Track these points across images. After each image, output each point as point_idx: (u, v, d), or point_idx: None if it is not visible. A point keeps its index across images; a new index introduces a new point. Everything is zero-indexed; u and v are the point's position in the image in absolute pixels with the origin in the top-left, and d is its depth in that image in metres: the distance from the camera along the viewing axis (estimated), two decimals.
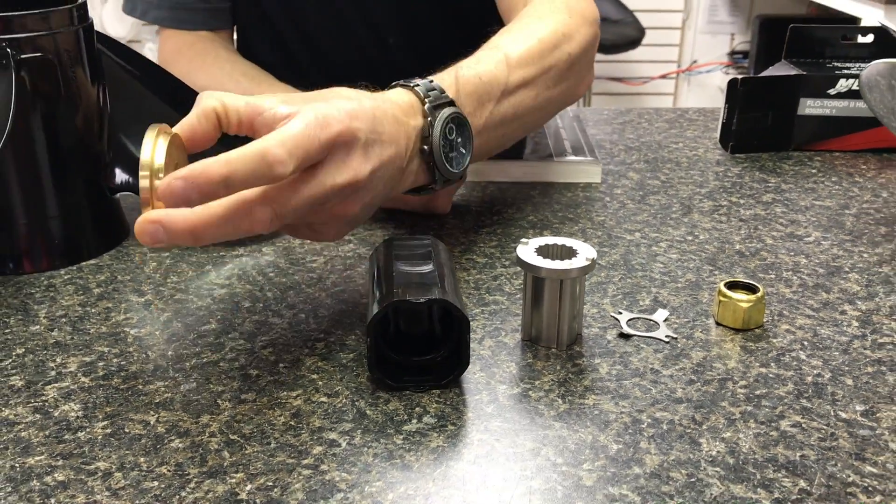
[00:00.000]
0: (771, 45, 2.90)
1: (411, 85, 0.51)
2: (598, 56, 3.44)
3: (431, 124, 0.49)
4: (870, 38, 0.78)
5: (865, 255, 0.56)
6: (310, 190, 0.42)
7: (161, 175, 0.39)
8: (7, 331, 0.47)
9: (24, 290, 0.51)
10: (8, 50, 0.48)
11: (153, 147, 0.40)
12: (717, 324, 0.48)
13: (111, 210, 0.58)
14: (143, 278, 0.53)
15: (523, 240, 0.45)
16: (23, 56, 0.49)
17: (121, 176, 0.56)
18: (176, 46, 0.82)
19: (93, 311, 0.49)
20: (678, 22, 3.36)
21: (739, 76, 0.74)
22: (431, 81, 0.51)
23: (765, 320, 0.48)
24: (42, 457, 0.37)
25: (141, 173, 0.39)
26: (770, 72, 0.77)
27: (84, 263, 0.55)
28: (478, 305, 0.49)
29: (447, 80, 0.53)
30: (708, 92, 3.18)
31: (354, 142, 0.43)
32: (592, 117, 0.86)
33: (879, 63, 0.56)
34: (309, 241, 0.57)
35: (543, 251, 0.45)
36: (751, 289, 0.48)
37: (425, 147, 0.49)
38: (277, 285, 0.52)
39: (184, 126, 0.42)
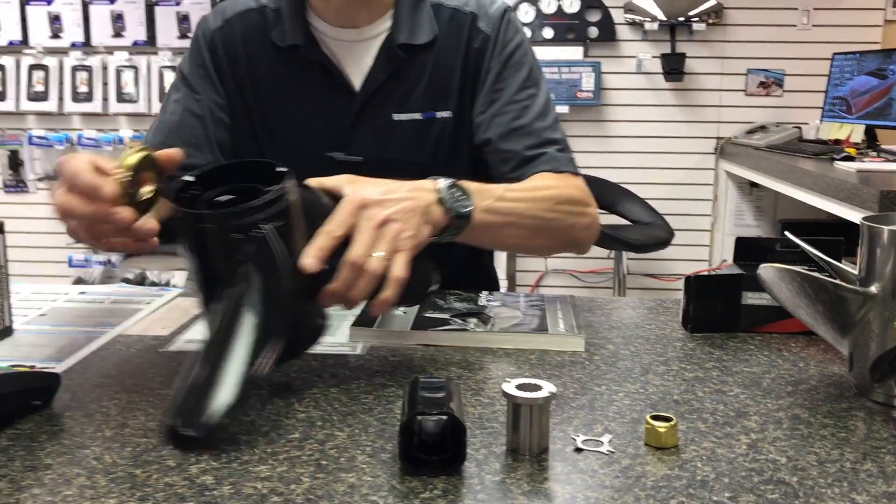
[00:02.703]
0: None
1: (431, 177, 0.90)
2: (633, 255, 3.67)
3: (439, 186, 0.88)
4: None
5: (769, 405, 0.77)
6: (364, 232, 0.78)
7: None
8: None
9: None
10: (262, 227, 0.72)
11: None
12: (645, 444, 0.68)
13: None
14: None
15: (507, 379, 0.68)
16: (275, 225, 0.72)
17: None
18: None
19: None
20: (707, 225, 3.65)
21: (696, 275, 0.97)
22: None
23: (679, 443, 0.68)
24: None
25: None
26: (721, 272, 1.00)
27: None
28: (478, 428, 0.71)
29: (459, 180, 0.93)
30: None
31: (369, 204, 0.79)
32: (588, 304, 1.09)
33: (768, 268, 0.78)
34: (364, 394, 0.80)
35: (521, 387, 0.67)
36: (668, 420, 0.68)
37: (441, 199, 0.87)
38: (340, 412, 0.74)
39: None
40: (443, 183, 0.89)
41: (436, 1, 1.20)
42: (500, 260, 3.42)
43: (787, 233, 0.90)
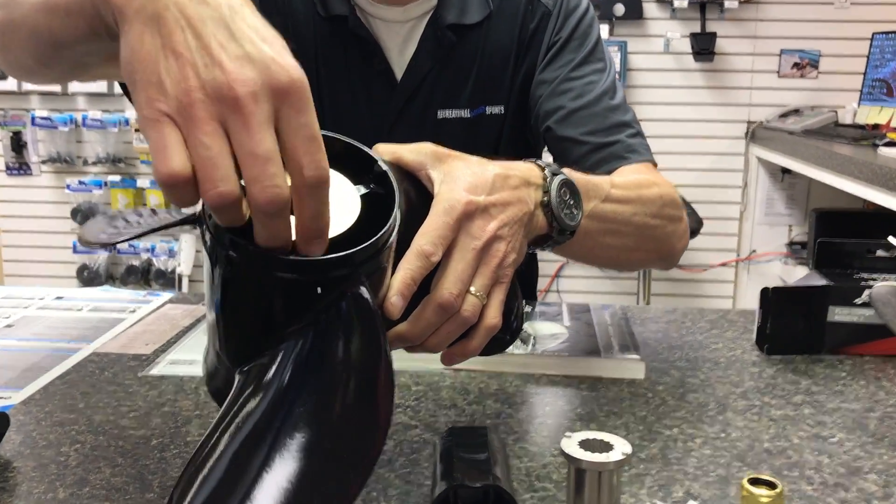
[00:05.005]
0: (827, 237, 2.99)
1: (535, 161, 0.66)
2: None
3: (549, 185, 0.63)
4: (894, 253, 0.86)
5: (886, 458, 0.62)
6: (462, 258, 0.56)
7: None
8: None
9: None
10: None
11: None
12: None
13: None
14: None
15: (567, 433, 0.53)
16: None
17: None
18: None
19: None
20: (736, 213, 3.49)
21: (775, 286, 0.82)
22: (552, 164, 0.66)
23: None
24: None
25: None
26: (801, 282, 0.85)
27: None
28: (528, 491, 0.56)
29: (564, 167, 0.67)
30: (768, 281, 3.23)
31: (474, 212, 0.57)
32: (640, 315, 0.94)
33: (883, 286, 0.63)
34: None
35: (585, 444, 0.52)
36: (772, 485, 0.54)
37: (545, 199, 0.63)
38: None
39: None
40: (552, 178, 0.64)
41: None
42: None
43: (891, 238, 0.75)
